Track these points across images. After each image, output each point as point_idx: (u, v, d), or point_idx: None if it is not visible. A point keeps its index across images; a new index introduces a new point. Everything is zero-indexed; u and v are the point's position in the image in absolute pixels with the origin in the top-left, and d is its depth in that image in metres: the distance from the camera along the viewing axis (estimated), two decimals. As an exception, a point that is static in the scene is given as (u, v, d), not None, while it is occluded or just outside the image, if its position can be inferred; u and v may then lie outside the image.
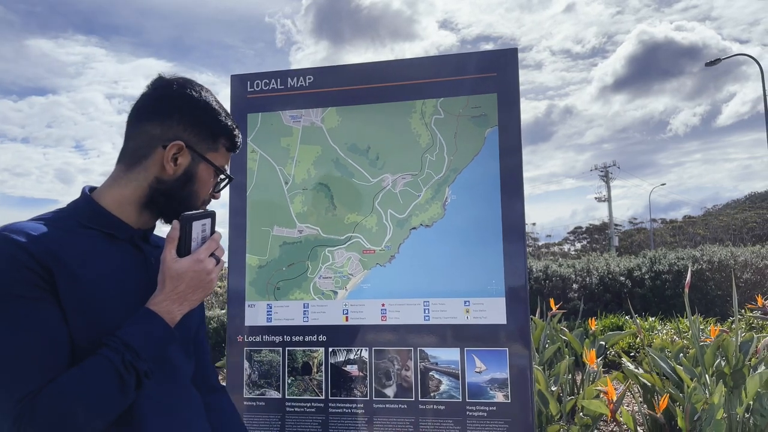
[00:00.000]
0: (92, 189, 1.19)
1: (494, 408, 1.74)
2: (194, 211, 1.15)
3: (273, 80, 2.02)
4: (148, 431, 1.09)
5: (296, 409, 1.85)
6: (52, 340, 0.99)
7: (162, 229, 1.29)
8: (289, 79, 2.01)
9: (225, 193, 2.04)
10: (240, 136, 1.26)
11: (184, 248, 1.11)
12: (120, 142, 1.21)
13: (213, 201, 1.30)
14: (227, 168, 1.27)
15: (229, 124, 1.23)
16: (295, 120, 1.99)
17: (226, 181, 1.27)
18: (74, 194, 1.19)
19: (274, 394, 1.88)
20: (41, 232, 1.03)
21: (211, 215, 1.18)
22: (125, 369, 0.99)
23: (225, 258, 1.22)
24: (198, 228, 1.14)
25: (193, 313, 1.24)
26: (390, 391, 1.81)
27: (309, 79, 2.00)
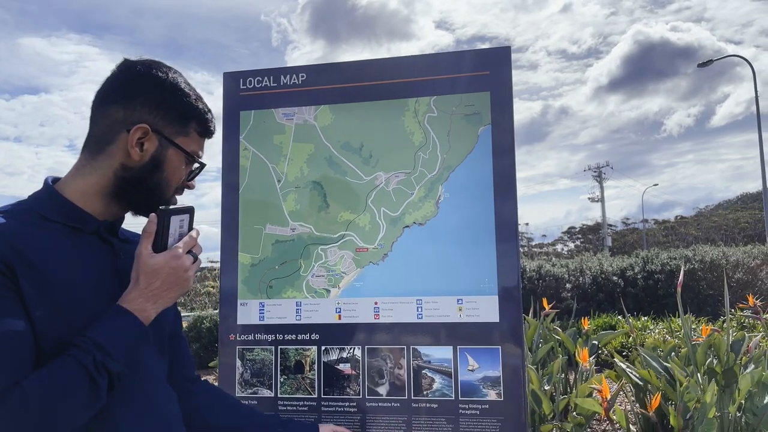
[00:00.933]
0: (55, 180, 1.13)
1: (487, 406, 1.73)
2: (173, 206, 1.10)
3: (266, 78, 2.01)
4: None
5: (288, 407, 1.85)
6: (17, 341, 0.92)
7: (131, 222, 1.24)
8: (282, 77, 2.00)
9: (217, 191, 2.03)
10: (213, 120, 1.19)
11: (160, 243, 1.06)
12: None
13: (195, 193, 1.26)
14: (201, 154, 1.19)
15: (200, 107, 1.16)
16: (288, 118, 1.98)
17: (200, 168, 1.20)
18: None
19: (266, 392, 1.87)
20: (2, 227, 0.98)
21: (190, 210, 1.13)
22: (97, 371, 0.94)
23: (202, 257, 1.15)
24: (176, 223, 1.09)
25: (167, 313, 1.19)
26: (383, 390, 1.81)
27: (302, 76, 1.99)
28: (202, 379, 1.42)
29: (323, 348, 1.86)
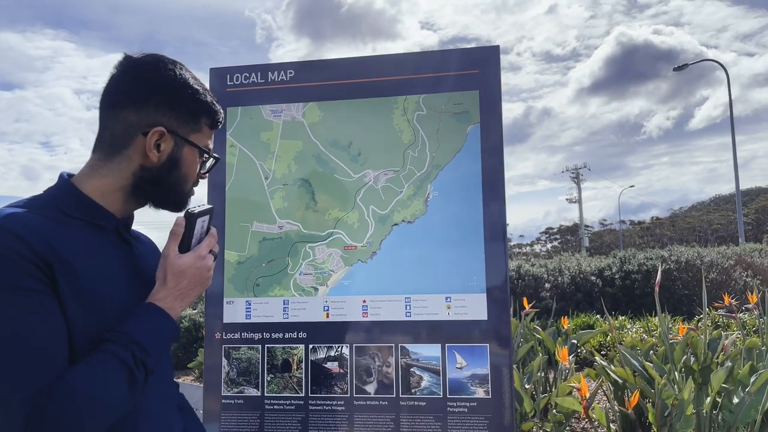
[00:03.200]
0: (70, 176, 1.13)
1: (475, 404, 1.74)
2: (198, 209, 1.13)
3: (253, 74, 1.99)
4: (149, 428, 1.07)
5: (275, 406, 1.84)
6: (56, 335, 0.95)
7: (145, 219, 1.25)
8: (270, 73, 1.99)
9: (203, 188, 2.01)
10: (221, 110, 1.21)
11: (185, 244, 1.11)
12: (89, 138, 1.16)
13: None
14: (211, 146, 1.22)
15: (209, 100, 1.17)
16: (275, 114, 1.97)
17: (214, 161, 1.23)
18: (39, 192, 1.13)
19: (252, 391, 1.85)
20: (36, 222, 0.99)
21: (211, 211, 1.17)
22: (136, 366, 0.97)
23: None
24: (200, 224, 1.14)
25: None
26: (371, 388, 1.80)
27: (290, 73, 1.98)
28: (180, 381, 1.42)
29: (311, 346, 1.85)
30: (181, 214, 1.13)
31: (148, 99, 1.10)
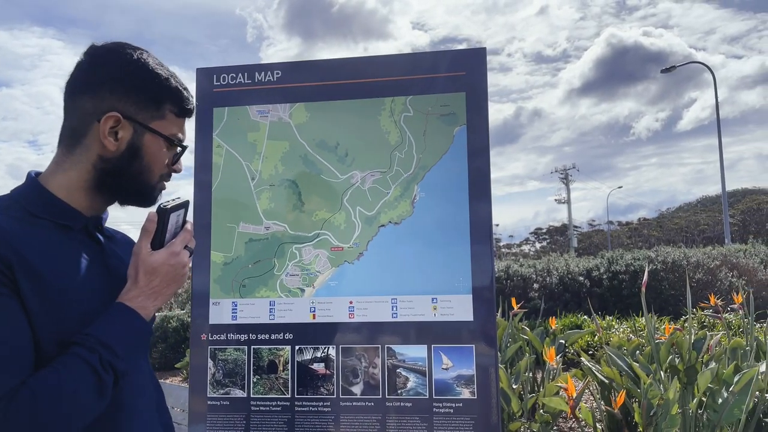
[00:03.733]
0: (38, 174, 1.09)
1: (461, 404, 1.75)
2: (171, 203, 1.08)
3: (240, 74, 1.99)
4: (132, 427, 1.05)
5: (261, 408, 1.83)
6: (20, 339, 0.92)
7: (114, 216, 1.22)
8: (257, 74, 1.98)
9: (188, 189, 2.00)
10: (191, 97, 1.14)
11: (158, 241, 1.06)
12: None
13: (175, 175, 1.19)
14: (182, 136, 1.15)
15: (173, 85, 1.11)
16: (262, 115, 1.96)
17: (183, 151, 1.16)
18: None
19: (238, 393, 1.85)
20: (2, 226, 0.96)
21: (186, 205, 1.11)
22: (103, 369, 0.93)
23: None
24: (174, 219, 1.08)
25: None
26: (357, 389, 1.80)
27: (277, 74, 1.97)
28: (167, 381, 1.39)
29: (297, 348, 1.85)
30: (154, 209, 1.08)
31: (103, 84, 1.06)
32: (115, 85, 1.06)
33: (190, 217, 1.16)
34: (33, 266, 0.96)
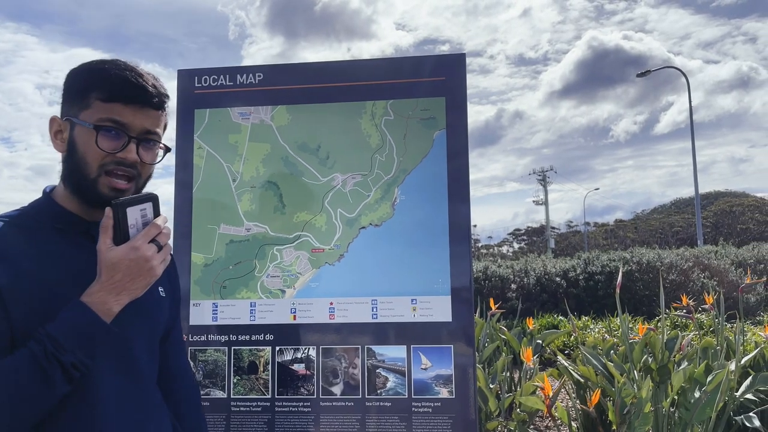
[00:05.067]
0: (54, 188, 1.17)
1: (439, 404, 1.78)
2: (128, 197, 1.07)
3: (222, 76, 1.99)
4: (106, 428, 1.07)
5: (242, 408, 1.84)
6: None
7: None
8: (239, 76, 1.99)
9: (168, 189, 1.99)
10: (122, 79, 1.09)
11: (120, 236, 1.05)
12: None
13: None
14: (120, 119, 1.09)
15: (107, 73, 1.09)
16: (244, 117, 1.97)
17: (132, 139, 1.10)
18: (-5, 189, 1.17)
19: (219, 393, 1.85)
20: None
21: (152, 198, 1.09)
22: (47, 361, 0.95)
23: (171, 242, 1.14)
24: (135, 214, 1.06)
25: (160, 308, 1.22)
26: (337, 389, 1.82)
27: (259, 76, 1.98)
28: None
29: (278, 348, 1.86)
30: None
31: (62, 97, 1.13)
32: (64, 92, 1.12)
33: (171, 216, 1.14)
34: (18, 266, 1.01)
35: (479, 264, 11.09)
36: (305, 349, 1.85)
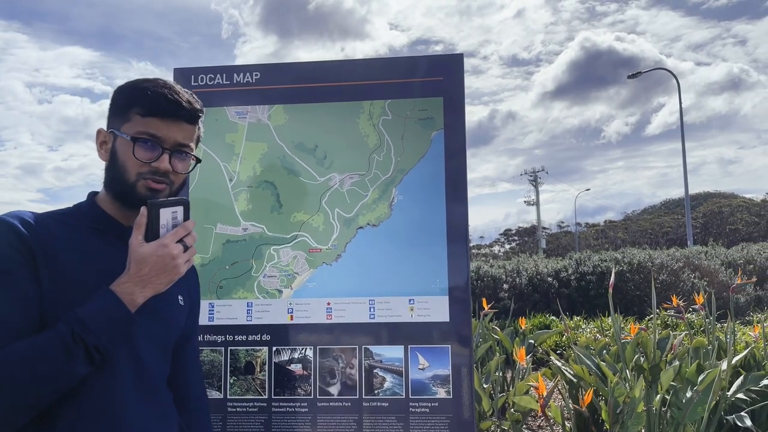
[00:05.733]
0: (97, 194, 1.28)
1: (436, 404, 1.78)
2: (162, 199, 1.18)
3: (218, 75, 1.98)
4: (124, 410, 1.14)
5: (238, 409, 1.83)
6: (8, 312, 1.05)
7: None
8: (236, 75, 1.98)
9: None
10: (162, 96, 1.20)
11: (151, 234, 1.15)
12: (40, 133, 1.24)
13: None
14: (156, 132, 1.20)
15: (147, 90, 1.20)
16: (240, 116, 1.96)
17: (149, 143, 1.20)
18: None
19: (215, 394, 1.85)
20: (34, 219, 1.13)
21: (183, 203, 1.20)
22: (73, 341, 1.03)
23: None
24: (167, 215, 1.17)
25: (177, 315, 1.29)
26: (334, 390, 1.82)
27: (256, 75, 1.98)
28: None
29: (274, 349, 1.85)
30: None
31: (108, 111, 1.25)
32: (109, 109, 1.24)
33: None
34: (55, 254, 1.11)
35: (471, 264, 11.12)
36: (302, 349, 1.84)
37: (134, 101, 1.21)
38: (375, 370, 1.81)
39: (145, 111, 1.20)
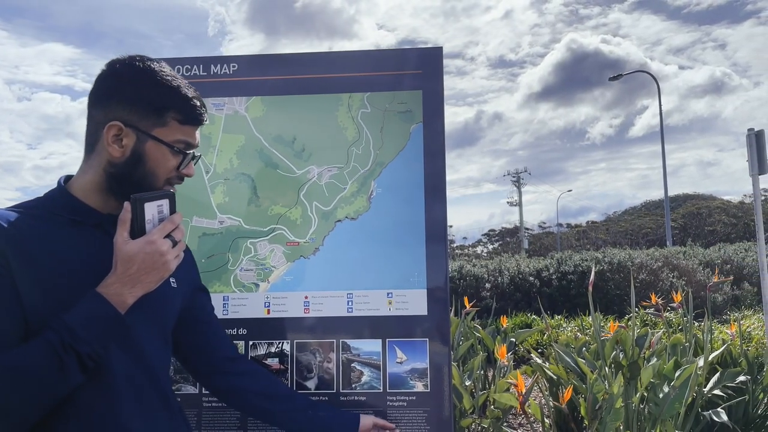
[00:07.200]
0: (68, 178, 1.21)
1: (414, 398, 1.77)
2: (146, 192, 1.13)
3: (195, 66, 1.95)
4: (123, 410, 1.11)
5: (213, 404, 1.80)
6: (9, 320, 1.01)
7: None
8: (213, 66, 1.95)
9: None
10: (200, 106, 1.20)
11: (137, 230, 1.10)
12: (20, 130, 1.20)
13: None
14: (193, 141, 1.21)
15: (179, 94, 1.16)
16: (217, 108, 1.93)
17: (188, 157, 1.21)
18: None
19: (190, 389, 1.82)
20: (4, 218, 1.07)
21: (168, 196, 1.16)
22: (63, 350, 0.99)
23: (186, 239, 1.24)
24: (153, 209, 1.12)
25: (171, 299, 1.26)
26: (311, 384, 1.80)
27: (233, 66, 1.95)
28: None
29: (251, 343, 1.83)
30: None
31: (111, 96, 1.15)
32: (122, 97, 1.14)
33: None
34: (31, 255, 1.05)
35: (454, 264, 11.16)
36: (279, 343, 1.82)
37: (171, 104, 1.16)
38: (353, 364, 1.80)
39: (184, 119, 1.18)
